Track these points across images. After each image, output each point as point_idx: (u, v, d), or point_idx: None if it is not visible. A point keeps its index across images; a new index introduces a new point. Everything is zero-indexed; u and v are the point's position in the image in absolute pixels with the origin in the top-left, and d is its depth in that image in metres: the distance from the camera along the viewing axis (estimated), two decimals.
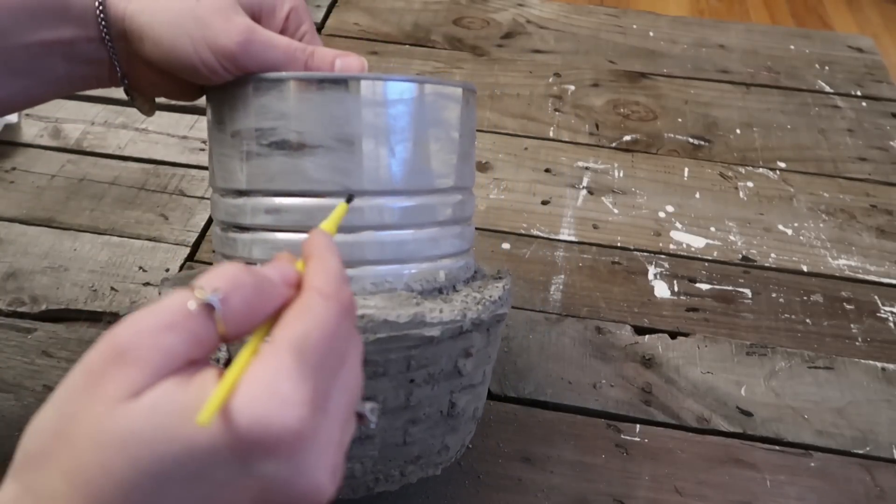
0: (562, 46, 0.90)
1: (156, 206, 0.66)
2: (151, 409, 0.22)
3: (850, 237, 0.69)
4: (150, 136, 0.73)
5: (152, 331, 0.23)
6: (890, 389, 0.56)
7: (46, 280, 0.59)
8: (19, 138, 0.72)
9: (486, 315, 0.38)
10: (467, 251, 0.43)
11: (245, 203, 0.38)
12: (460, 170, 0.40)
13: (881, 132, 0.81)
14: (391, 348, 0.35)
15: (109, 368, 0.22)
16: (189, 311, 0.23)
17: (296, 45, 0.38)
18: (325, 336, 0.24)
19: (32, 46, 0.37)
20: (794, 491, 0.49)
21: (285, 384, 0.22)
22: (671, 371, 0.56)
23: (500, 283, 0.42)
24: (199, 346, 0.23)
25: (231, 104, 0.38)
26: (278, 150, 0.37)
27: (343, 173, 0.36)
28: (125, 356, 0.22)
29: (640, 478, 0.49)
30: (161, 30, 0.37)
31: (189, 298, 0.23)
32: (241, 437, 0.22)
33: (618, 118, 0.80)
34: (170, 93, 0.42)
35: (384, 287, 0.38)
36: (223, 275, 0.24)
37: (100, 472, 0.21)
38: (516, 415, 0.52)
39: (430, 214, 0.39)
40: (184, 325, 0.23)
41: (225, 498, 0.22)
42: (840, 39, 0.96)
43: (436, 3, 0.96)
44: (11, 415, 0.50)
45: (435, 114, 0.38)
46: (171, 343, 0.23)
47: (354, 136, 0.36)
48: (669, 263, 0.65)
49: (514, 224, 0.67)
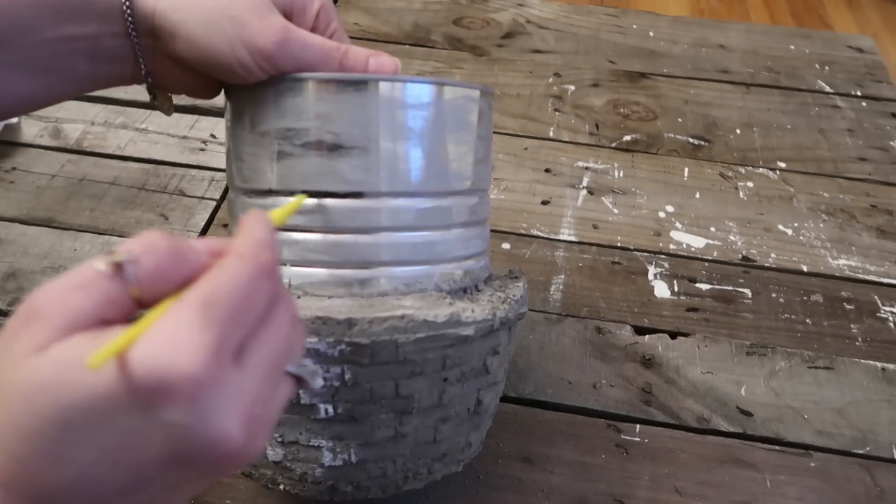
0: (562, 46, 0.90)
1: (156, 206, 0.66)
2: (56, 361, 0.22)
3: (850, 237, 0.69)
4: (150, 136, 0.73)
5: (62, 290, 0.24)
6: (890, 389, 0.56)
7: (46, 280, 0.59)
8: (19, 138, 0.72)
9: (512, 314, 0.39)
10: (486, 252, 0.44)
11: (275, 203, 0.38)
12: (483, 171, 0.41)
13: (881, 132, 0.81)
14: (429, 348, 0.36)
15: (22, 328, 0.23)
16: (99, 272, 0.24)
17: (330, 44, 0.38)
18: (235, 290, 0.24)
19: (55, 42, 0.37)
20: (794, 491, 0.49)
21: (184, 333, 0.22)
22: (671, 371, 0.56)
23: (520, 282, 0.43)
24: (111, 305, 0.24)
25: (259, 104, 0.38)
26: (313, 150, 0.36)
27: (377, 174, 0.37)
28: (36, 315, 0.23)
29: (640, 478, 0.49)
30: (195, 28, 0.36)
31: (100, 261, 0.24)
32: (138, 382, 0.22)
33: (618, 118, 0.80)
34: (193, 91, 0.41)
35: (416, 287, 0.38)
36: (140, 239, 0.25)
37: (6, 424, 0.22)
38: (516, 415, 0.52)
39: (458, 215, 0.40)
40: (94, 285, 0.24)
41: (133, 446, 0.23)
42: (840, 39, 0.96)
43: (436, 3, 0.96)
44: None
45: (465, 117, 0.39)
46: (80, 301, 0.23)
47: (389, 136, 0.36)
48: (669, 263, 0.65)
49: (514, 224, 0.67)
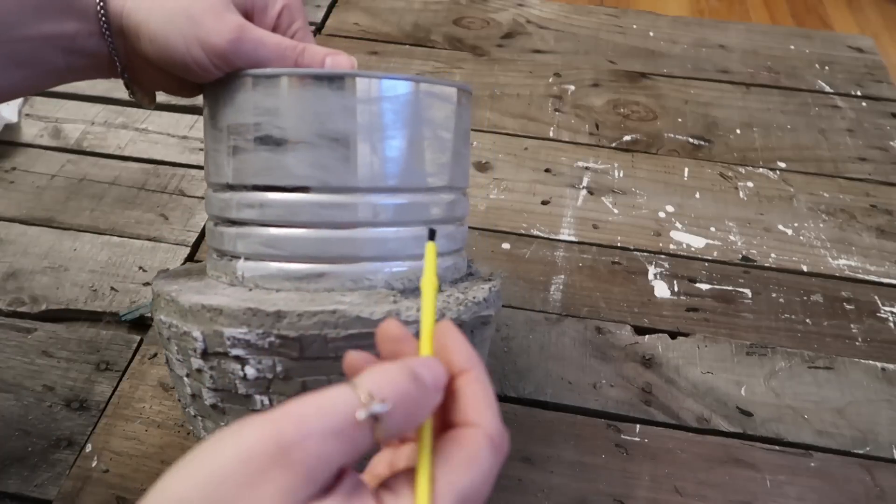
0: (562, 46, 0.90)
1: (156, 206, 0.66)
2: None
3: (850, 237, 0.69)
4: (150, 136, 0.73)
5: (319, 435, 0.22)
6: (890, 389, 0.56)
7: (46, 280, 0.59)
8: (19, 138, 0.72)
9: (468, 316, 0.38)
10: (457, 251, 0.43)
11: (231, 197, 0.39)
12: (450, 169, 0.40)
13: (881, 132, 0.81)
14: (363, 345, 0.35)
15: (271, 468, 0.21)
16: (356, 422, 0.22)
17: (286, 42, 0.39)
18: (488, 487, 0.24)
19: (35, 39, 0.38)
20: (794, 491, 0.49)
21: None
22: (671, 371, 0.56)
23: (488, 284, 0.41)
24: (356, 454, 0.23)
25: (222, 100, 0.39)
26: (262, 145, 0.37)
27: (325, 169, 0.37)
28: (289, 457, 0.21)
29: (640, 478, 0.49)
30: (156, 27, 0.37)
31: (358, 407, 0.22)
32: None
33: (618, 118, 0.80)
34: (169, 88, 0.42)
35: (363, 284, 0.38)
36: (392, 383, 0.23)
37: None
38: (516, 415, 0.52)
39: (417, 213, 0.39)
40: (349, 434, 0.22)
41: None
42: (840, 39, 0.96)
43: (436, 3, 0.96)
44: (11, 415, 0.50)
45: (421, 113, 0.38)
46: (335, 452, 0.22)
47: (337, 132, 0.36)
48: (669, 263, 0.65)
49: (514, 224, 0.67)
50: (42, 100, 0.76)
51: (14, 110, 0.73)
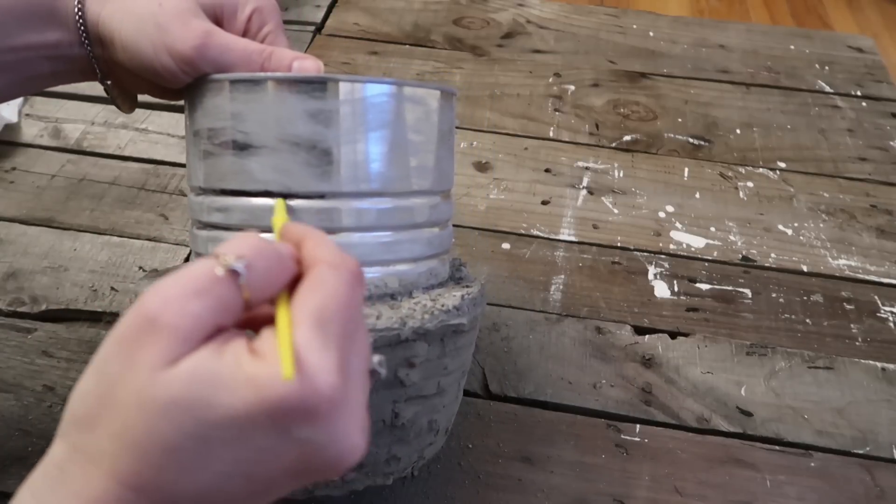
0: (562, 46, 0.90)
1: (156, 206, 0.66)
2: (190, 378, 0.23)
3: (850, 237, 0.69)
4: (150, 136, 0.73)
5: (180, 298, 0.23)
6: (890, 389, 0.56)
7: (46, 280, 0.59)
8: (19, 138, 0.72)
9: (433, 324, 0.36)
10: (434, 256, 0.41)
11: (203, 201, 0.40)
12: (422, 173, 0.39)
13: (881, 132, 0.81)
14: None
15: (142, 337, 0.23)
16: (216, 277, 0.24)
17: (253, 47, 0.39)
18: (341, 305, 0.25)
19: (20, 49, 0.39)
20: (794, 491, 0.49)
21: (312, 355, 0.23)
22: (671, 371, 0.56)
23: (461, 291, 0.39)
24: (226, 312, 0.24)
25: (193, 104, 0.39)
26: (227, 149, 0.37)
27: (288, 174, 0.36)
28: (156, 324, 0.23)
29: (640, 478, 0.49)
30: (126, 35, 0.38)
31: (215, 265, 0.24)
32: (277, 406, 0.23)
33: (618, 118, 0.80)
34: (151, 92, 0.43)
35: None
36: (246, 243, 0.25)
37: (145, 435, 0.23)
38: (516, 415, 0.52)
39: (382, 219, 0.38)
40: (211, 292, 0.24)
41: (267, 460, 0.24)
42: (840, 39, 0.96)
43: (436, 3, 0.96)
44: (11, 415, 0.50)
45: (385, 116, 0.37)
46: (200, 309, 0.23)
47: (299, 137, 0.36)
48: (669, 263, 0.65)
49: (514, 224, 0.67)
50: (42, 100, 0.76)
51: (14, 110, 0.73)
